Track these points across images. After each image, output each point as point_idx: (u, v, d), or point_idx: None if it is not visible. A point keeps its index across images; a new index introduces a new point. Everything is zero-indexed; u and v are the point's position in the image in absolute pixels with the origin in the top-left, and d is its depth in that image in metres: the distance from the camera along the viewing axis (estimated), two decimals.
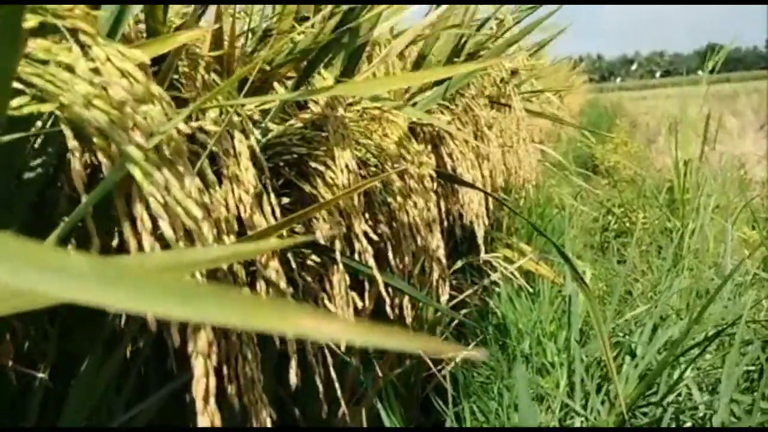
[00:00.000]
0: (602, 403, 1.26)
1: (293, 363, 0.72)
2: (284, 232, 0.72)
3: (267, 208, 0.70)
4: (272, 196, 0.73)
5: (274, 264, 0.70)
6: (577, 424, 1.23)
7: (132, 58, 0.51)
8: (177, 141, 0.51)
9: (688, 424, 1.21)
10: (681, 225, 2.66)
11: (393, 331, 0.18)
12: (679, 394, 1.27)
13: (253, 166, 0.69)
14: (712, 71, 3.48)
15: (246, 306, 0.19)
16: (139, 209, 0.48)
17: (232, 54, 0.87)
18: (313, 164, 0.90)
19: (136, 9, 0.61)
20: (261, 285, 0.72)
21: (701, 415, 1.17)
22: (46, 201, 0.63)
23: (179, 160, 0.52)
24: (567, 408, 1.32)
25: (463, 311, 1.97)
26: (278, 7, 1.14)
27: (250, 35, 1.01)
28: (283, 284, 0.71)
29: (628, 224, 3.09)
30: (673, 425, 1.18)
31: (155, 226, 0.50)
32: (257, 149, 0.72)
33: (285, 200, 0.95)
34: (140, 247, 0.49)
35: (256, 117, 0.83)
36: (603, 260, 2.78)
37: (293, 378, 0.72)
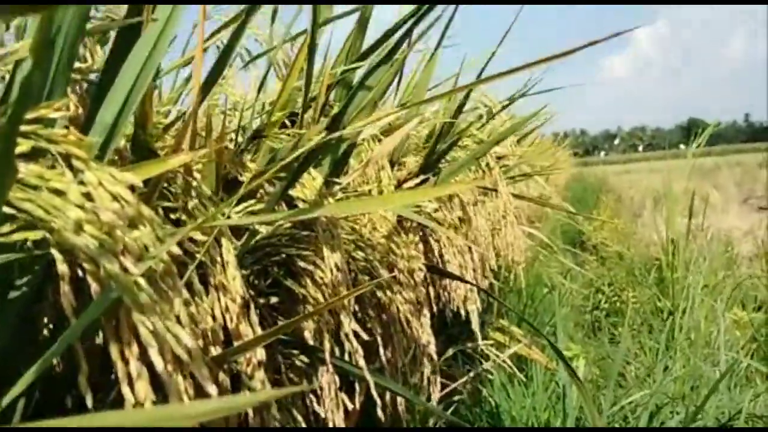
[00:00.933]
0: None
1: None
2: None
3: (254, 318, 0.69)
4: (259, 301, 0.72)
5: (260, 375, 0.68)
6: None
7: (123, 182, 0.51)
8: (167, 263, 0.51)
9: None
10: (672, 305, 2.66)
11: None
12: None
13: (240, 275, 0.69)
14: (700, 145, 3.55)
15: None
16: (126, 335, 0.48)
17: (222, 156, 0.88)
18: (302, 264, 0.89)
19: (127, 126, 0.62)
20: (246, 393, 0.70)
21: None
22: (32, 314, 0.62)
23: (169, 282, 0.51)
24: None
25: (456, 398, 1.93)
26: (268, 105, 1.17)
27: (240, 133, 1.03)
28: (272, 397, 0.69)
29: (618, 303, 3.09)
30: None
31: (144, 352, 0.49)
32: (244, 255, 0.72)
33: (273, 300, 0.95)
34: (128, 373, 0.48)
35: (245, 222, 0.83)
36: (595, 341, 2.76)
37: None
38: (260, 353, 0.69)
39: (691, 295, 2.51)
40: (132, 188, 0.53)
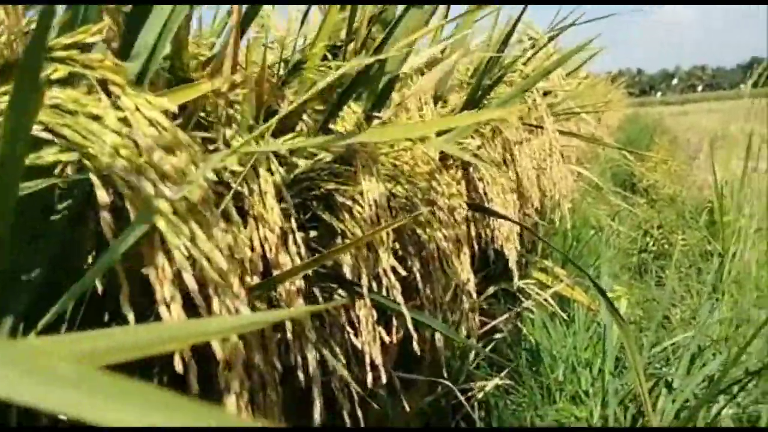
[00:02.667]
0: None
1: (317, 401, 0.72)
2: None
3: (293, 248, 0.70)
4: (297, 234, 0.72)
5: (299, 303, 0.69)
6: None
7: (159, 106, 0.51)
8: (204, 189, 0.51)
9: None
10: (722, 248, 2.59)
11: None
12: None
13: (278, 205, 0.69)
14: (755, 85, 3.40)
15: (167, 408, 0.18)
16: (160, 260, 0.49)
17: (262, 86, 0.87)
18: (340, 198, 0.89)
19: (163, 53, 0.62)
20: (287, 322, 0.72)
21: None
22: (74, 238, 0.64)
23: (206, 208, 0.52)
24: None
25: (497, 336, 1.95)
26: (310, 37, 1.15)
27: (281, 66, 1.02)
28: (308, 324, 0.70)
29: (666, 246, 3.03)
30: None
31: (179, 275, 0.50)
32: (283, 188, 0.72)
33: (312, 233, 0.95)
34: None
35: (283, 152, 0.83)
36: (640, 284, 2.72)
37: (317, 417, 0.71)
38: (299, 282, 0.70)
39: (742, 238, 2.44)
40: (169, 115, 0.53)
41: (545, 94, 2.46)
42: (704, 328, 1.58)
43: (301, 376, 0.74)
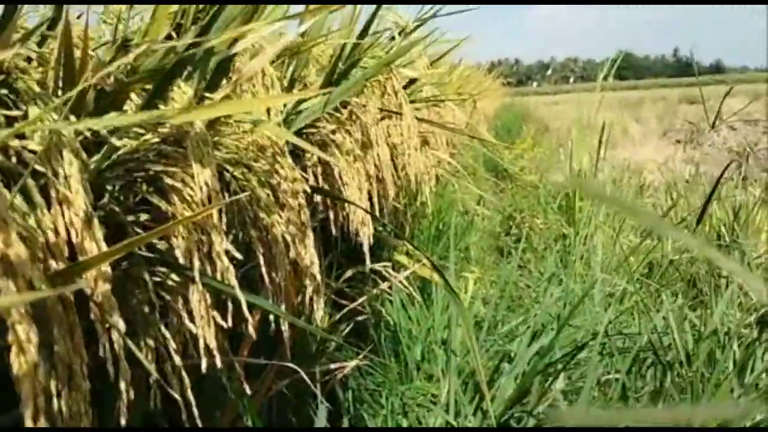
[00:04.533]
0: (475, 413, 1.28)
1: (123, 397, 0.70)
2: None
3: (98, 234, 0.67)
4: (121, 218, 0.70)
5: (104, 290, 0.67)
6: None
7: None
8: None
9: None
10: (574, 232, 2.76)
11: None
12: (552, 405, 1.31)
13: (84, 188, 0.66)
14: (607, 77, 3.61)
15: None
16: None
17: (85, 63, 0.83)
18: (169, 181, 0.87)
19: None
20: (94, 311, 0.69)
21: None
22: None
23: None
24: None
25: (360, 318, 1.97)
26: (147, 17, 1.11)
27: (112, 44, 0.98)
28: (116, 315, 0.68)
29: (527, 230, 3.18)
30: None
31: None
32: (89, 168, 0.69)
33: (144, 217, 0.92)
34: None
35: (103, 132, 0.79)
36: (502, 266, 2.85)
37: (123, 413, 0.69)
38: (105, 270, 0.68)
39: (592, 222, 2.60)
40: None
41: (411, 81, 2.51)
42: (547, 307, 1.68)
43: (110, 368, 0.72)
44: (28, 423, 0.60)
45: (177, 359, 0.91)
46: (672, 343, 1.28)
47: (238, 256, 0.94)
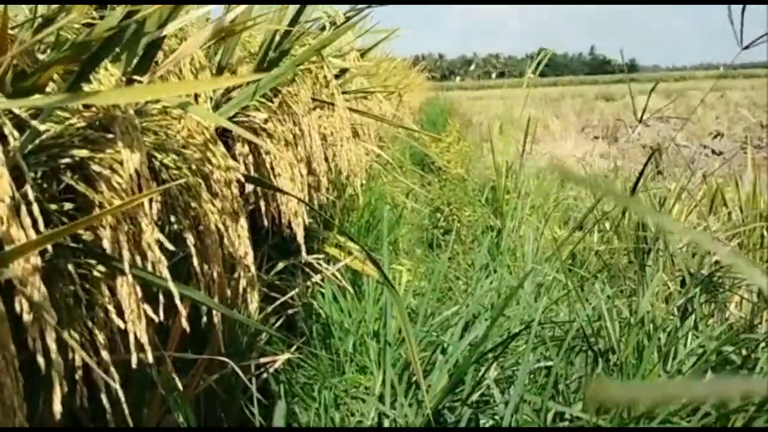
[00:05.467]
0: (411, 404, 1.28)
1: (57, 390, 0.66)
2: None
3: (26, 221, 0.63)
4: (34, 207, 0.65)
5: (35, 281, 0.63)
6: (387, 425, 1.25)
7: None
8: None
9: (489, 424, 1.27)
10: (501, 224, 2.81)
11: None
12: (486, 394, 1.33)
13: (9, 173, 0.62)
14: (535, 73, 3.69)
15: None
16: None
17: (4, 41, 0.78)
18: (96, 168, 0.82)
19: None
20: (22, 302, 0.65)
21: (502, 414, 1.23)
22: None
23: None
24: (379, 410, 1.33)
25: (290, 311, 1.95)
26: None
27: (31, 22, 0.92)
28: (46, 304, 0.64)
29: (455, 222, 3.22)
30: (472, 425, 1.23)
31: None
32: (18, 154, 0.64)
33: (68, 206, 0.87)
34: None
35: (24, 116, 0.74)
36: (431, 258, 2.87)
37: (57, 407, 0.65)
38: (34, 260, 0.64)
39: (518, 215, 2.66)
40: None
41: (342, 72, 2.49)
42: (479, 298, 1.70)
43: (40, 360, 0.67)
44: None
45: (105, 354, 0.87)
46: (603, 331, 1.32)
47: (170, 247, 0.91)
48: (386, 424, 1.25)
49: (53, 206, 0.87)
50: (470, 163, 4.86)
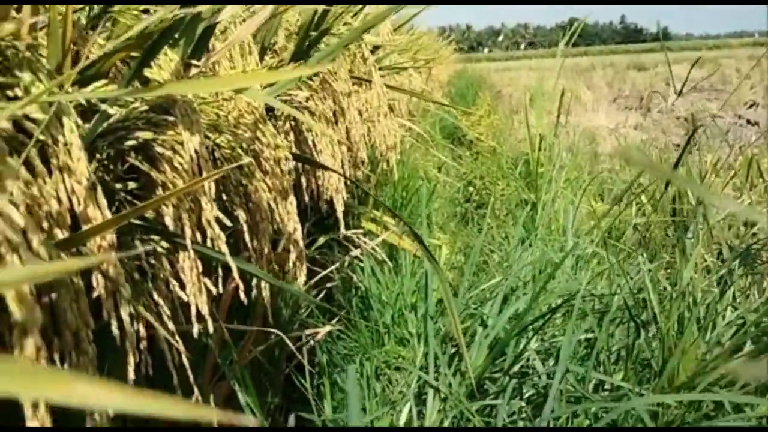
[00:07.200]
0: (454, 374, 1.32)
1: (130, 359, 0.70)
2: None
3: (102, 201, 0.67)
4: (109, 186, 0.69)
5: (111, 257, 0.67)
6: (430, 396, 1.29)
7: None
8: None
9: (531, 393, 1.30)
10: (535, 197, 2.82)
11: (166, 399, 0.18)
12: (526, 365, 1.36)
13: (86, 156, 0.66)
14: (568, 44, 3.66)
15: (23, 375, 0.18)
16: None
17: (66, 28, 0.82)
18: (159, 149, 0.86)
19: None
20: (98, 278, 0.69)
21: (543, 384, 1.26)
22: None
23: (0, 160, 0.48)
24: (421, 380, 1.37)
25: (329, 285, 1.99)
26: None
27: (92, 8, 0.95)
28: (121, 279, 0.68)
29: (487, 196, 3.23)
30: (515, 395, 1.27)
31: None
32: (94, 137, 0.68)
33: (132, 185, 0.92)
34: None
35: (94, 100, 0.78)
36: (464, 231, 2.89)
37: (131, 375, 0.70)
38: (110, 237, 0.68)
39: (553, 188, 2.66)
40: None
41: (375, 48, 2.51)
42: (516, 271, 1.73)
43: (115, 331, 0.72)
44: (27, 411, 0.59)
45: (170, 325, 0.91)
46: (646, 303, 1.34)
47: (228, 223, 0.95)
48: (429, 393, 1.29)
49: (119, 186, 0.91)
50: (501, 135, 4.84)
